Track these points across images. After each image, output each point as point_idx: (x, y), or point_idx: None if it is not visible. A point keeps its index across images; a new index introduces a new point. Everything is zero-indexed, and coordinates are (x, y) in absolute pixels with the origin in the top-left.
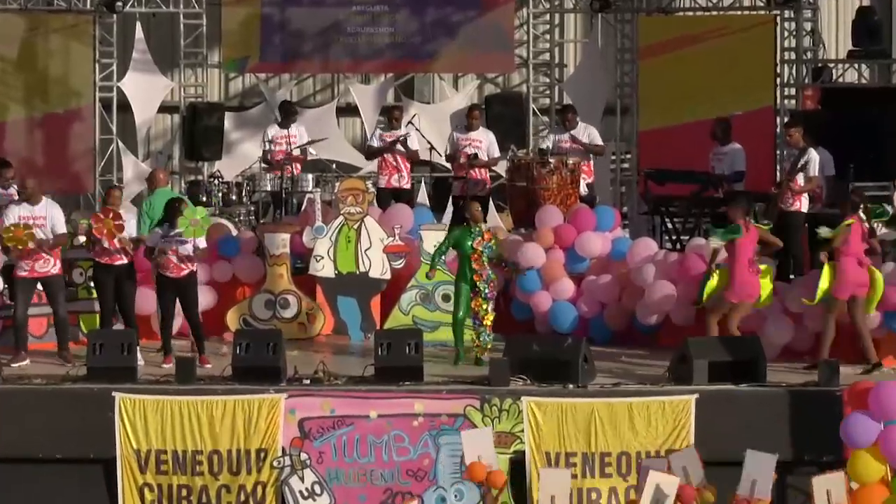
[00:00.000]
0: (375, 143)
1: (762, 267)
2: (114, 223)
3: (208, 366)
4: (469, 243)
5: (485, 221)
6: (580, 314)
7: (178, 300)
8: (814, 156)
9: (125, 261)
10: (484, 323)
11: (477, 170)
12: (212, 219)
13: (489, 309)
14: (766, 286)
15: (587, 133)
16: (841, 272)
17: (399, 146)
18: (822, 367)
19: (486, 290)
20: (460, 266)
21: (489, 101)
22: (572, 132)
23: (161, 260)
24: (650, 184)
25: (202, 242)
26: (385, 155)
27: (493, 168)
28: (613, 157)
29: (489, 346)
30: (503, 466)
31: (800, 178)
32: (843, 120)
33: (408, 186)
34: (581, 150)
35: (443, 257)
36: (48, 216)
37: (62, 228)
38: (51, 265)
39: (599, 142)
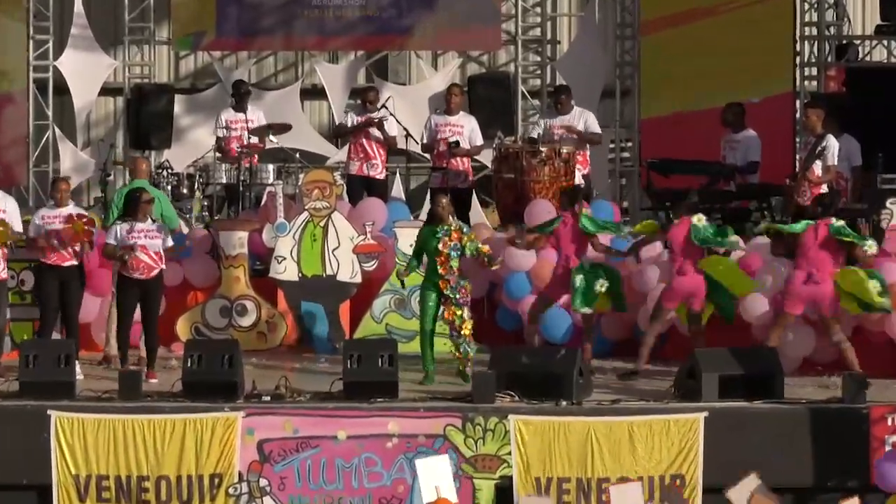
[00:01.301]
0: (348, 122)
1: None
2: (84, 227)
3: (154, 381)
4: (434, 245)
5: (467, 218)
6: (575, 322)
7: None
8: (832, 142)
9: (75, 262)
10: (462, 333)
11: (458, 159)
12: None
13: (465, 316)
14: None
15: (583, 118)
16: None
17: (375, 129)
18: (847, 382)
19: (457, 296)
20: (427, 270)
21: (473, 82)
22: (566, 117)
23: (129, 259)
24: (653, 175)
25: (169, 240)
26: (358, 138)
27: (477, 157)
28: (612, 146)
29: (471, 357)
30: (487, 494)
31: (817, 168)
32: (871, 103)
33: (381, 177)
34: (575, 139)
35: (416, 261)
36: (8, 210)
37: (19, 226)
38: None
39: (597, 129)
